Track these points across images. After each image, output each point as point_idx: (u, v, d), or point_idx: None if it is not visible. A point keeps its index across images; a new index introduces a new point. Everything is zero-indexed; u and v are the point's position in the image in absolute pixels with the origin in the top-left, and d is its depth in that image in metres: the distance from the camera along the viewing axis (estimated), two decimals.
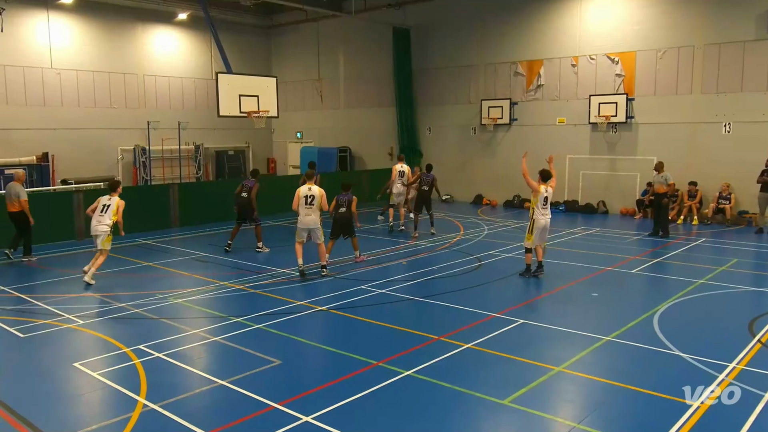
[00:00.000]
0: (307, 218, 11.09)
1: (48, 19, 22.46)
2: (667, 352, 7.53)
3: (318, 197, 11.04)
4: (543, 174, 11.41)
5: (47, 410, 6.11)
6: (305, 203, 11.05)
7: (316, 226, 11.13)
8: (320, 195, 11.06)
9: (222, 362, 7.55)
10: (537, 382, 6.66)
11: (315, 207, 11.04)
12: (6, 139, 21.46)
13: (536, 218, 11.20)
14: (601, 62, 19.93)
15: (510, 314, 9.08)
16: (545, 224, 11.32)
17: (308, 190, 11.11)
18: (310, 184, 11.21)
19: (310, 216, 11.07)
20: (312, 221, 11.09)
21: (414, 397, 6.34)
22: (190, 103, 26.73)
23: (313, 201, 11.02)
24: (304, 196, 11.07)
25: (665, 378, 6.70)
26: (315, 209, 11.05)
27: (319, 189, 11.12)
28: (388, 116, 25.24)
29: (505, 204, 22.22)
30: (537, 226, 11.21)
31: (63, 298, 10.06)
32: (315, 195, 11.06)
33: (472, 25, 22.76)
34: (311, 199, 11.03)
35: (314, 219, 11.10)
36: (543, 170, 11.50)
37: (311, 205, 11.03)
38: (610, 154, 20.08)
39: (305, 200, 11.05)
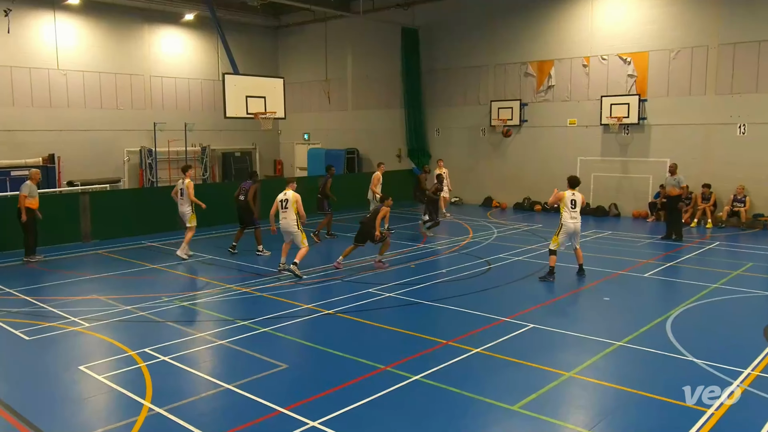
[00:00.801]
0: (283, 222, 11.59)
1: (54, 20, 22.63)
2: (681, 357, 7.49)
3: (291, 201, 11.53)
4: (571, 180, 11.61)
5: (52, 413, 6.14)
6: (281, 207, 11.63)
7: (292, 230, 11.55)
8: (294, 199, 11.54)
9: (228, 366, 7.56)
10: (547, 387, 6.64)
11: (289, 210, 11.50)
12: (12, 141, 21.61)
13: (565, 222, 11.35)
14: (613, 62, 19.86)
15: (520, 318, 9.05)
16: (575, 229, 11.41)
17: (284, 195, 11.67)
18: (287, 189, 11.74)
19: (285, 219, 11.56)
20: (286, 224, 11.55)
21: (422, 402, 6.33)
22: (196, 104, 26.84)
23: (287, 205, 11.54)
24: (280, 200, 11.67)
25: (679, 384, 6.64)
26: (289, 212, 11.50)
27: (294, 194, 11.61)
28: (396, 118, 25.25)
29: (515, 206, 22.17)
30: (565, 230, 11.36)
31: (69, 301, 10.12)
32: (289, 199, 11.57)
33: (482, 25, 22.74)
34: (285, 203, 11.58)
35: (289, 223, 11.53)
36: (572, 176, 11.77)
37: (285, 209, 11.56)
38: (622, 156, 20.00)
39: (281, 204, 11.63)
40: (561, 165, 20.27)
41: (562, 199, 11.36)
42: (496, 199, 22.82)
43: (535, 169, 21.65)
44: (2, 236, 13.85)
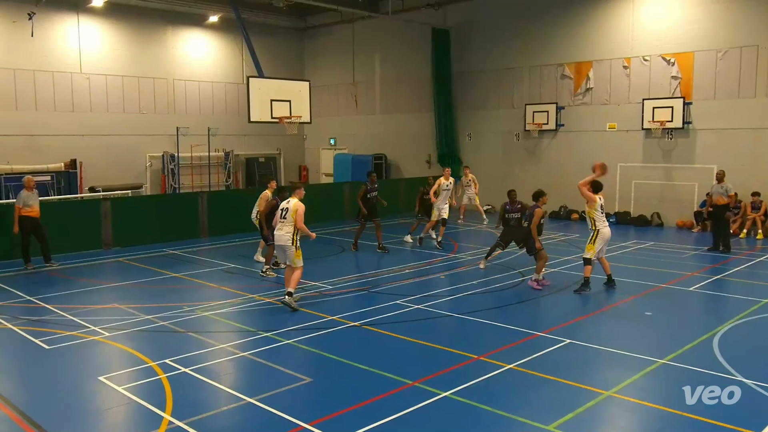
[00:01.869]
0: (278, 234, 10.41)
1: (78, 23, 23.20)
2: (728, 377, 7.31)
3: (292, 211, 10.26)
4: (595, 185, 11.42)
5: (72, 425, 6.25)
6: (280, 216, 10.45)
7: (286, 244, 10.30)
8: (295, 209, 10.26)
9: (250, 379, 7.62)
10: (585, 407, 6.54)
11: (287, 221, 10.28)
12: (35, 146, 22.17)
13: (600, 228, 11.24)
14: (656, 64, 19.60)
15: (556, 333, 8.95)
16: (609, 234, 11.40)
17: (286, 203, 10.48)
18: (292, 197, 10.59)
19: (281, 232, 10.34)
20: (282, 238, 10.33)
21: (451, 420, 6.29)
22: (220, 108, 27.22)
23: (286, 214, 10.30)
24: (281, 209, 10.51)
25: (726, 406, 6.49)
26: (287, 224, 10.28)
27: (296, 203, 10.37)
28: (426, 122, 25.26)
29: (551, 215, 21.95)
30: (601, 236, 11.27)
31: (89, 309, 10.31)
32: (289, 208, 10.31)
33: (516, 25, 22.66)
34: (285, 212, 10.36)
35: (284, 236, 10.31)
36: (595, 181, 11.46)
37: (284, 219, 10.34)
38: (666, 162, 19.69)
39: (281, 213, 10.46)
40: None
41: (594, 203, 11.21)
42: None
43: (572, 176, 21.29)
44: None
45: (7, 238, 13.75)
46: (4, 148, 21.46)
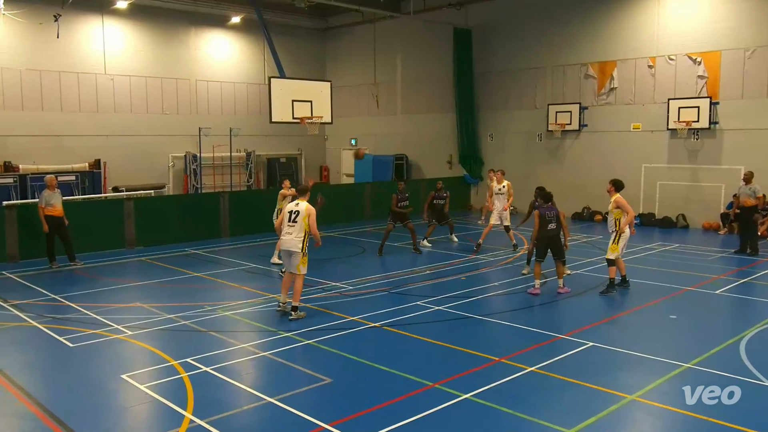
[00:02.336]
0: (286, 238, 9.74)
1: (102, 24, 23.53)
2: (756, 383, 7.19)
3: (304, 215, 9.67)
4: (617, 184, 11.35)
5: (95, 422, 6.33)
6: (288, 220, 9.77)
7: (296, 249, 9.67)
8: (307, 213, 9.68)
9: (271, 378, 7.67)
10: (607, 411, 6.48)
11: (298, 226, 9.65)
12: (59, 146, 22.53)
13: (624, 228, 11.18)
14: (682, 63, 19.36)
15: (578, 336, 8.88)
16: (629, 233, 11.35)
17: (295, 206, 9.83)
18: (300, 200, 9.93)
19: (290, 236, 9.70)
20: (291, 242, 9.70)
21: (472, 422, 6.27)
22: (242, 109, 27.42)
23: (297, 218, 9.68)
24: (289, 211, 9.84)
25: (754, 412, 6.39)
26: (297, 228, 9.66)
27: (307, 206, 9.79)
28: (447, 122, 25.21)
29: (573, 216, 21.79)
30: (624, 236, 11.22)
31: (112, 308, 10.45)
32: (300, 211, 9.70)
33: (539, 24, 22.53)
34: (295, 215, 9.71)
35: (293, 240, 9.68)
36: (617, 180, 11.44)
37: (294, 222, 9.69)
38: (691, 163, 19.44)
39: (289, 216, 9.78)
40: (624, 173, 19.69)
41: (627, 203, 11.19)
42: None
43: (595, 176, 21.21)
44: None
45: (33, 237, 14.01)
46: (30, 148, 21.85)
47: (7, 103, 21.58)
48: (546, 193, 11.73)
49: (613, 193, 11.26)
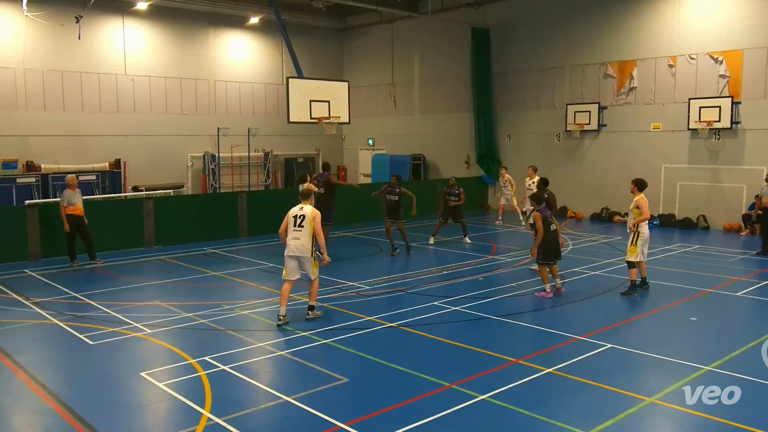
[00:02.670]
0: (295, 243, 9.48)
1: (123, 25, 23.76)
2: None
3: (309, 218, 9.49)
4: (640, 183, 11.19)
5: (114, 419, 6.40)
6: (294, 224, 9.53)
7: (307, 254, 9.51)
8: (313, 216, 9.49)
9: (288, 378, 7.70)
10: (626, 413, 6.43)
11: (305, 230, 9.46)
12: (81, 146, 22.79)
13: (641, 229, 11.01)
14: (703, 62, 19.13)
15: (596, 337, 8.81)
16: (649, 234, 11.19)
17: (299, 210, 9.62)
18: (304, 204, 9.70)
19: (298, 240, 9.46)
20: (301, 247, 9.48)
21: (489, 423, 6.25)
22: (260, 109, 27.56)
23: (303, 222, 9.48)
24: (294, 216, 9.59)
25: None
26: (305, 233, 9.47)
27: (312, 209, 9.63)
28: (465, 122, 25.14)
29: (592, 217, 21.64)
30: (642, 237, 11.04)
31: (131, 306, 10.55)
32: (306, 215, 9.51)
33: (557, 24, 22.39)
34: (301, 219, 9.51)
35: (304, 245, 9.49)
36: (640, 180, 11.30)
37: (300, 227, 9.48)
38: (712, 164, 19.21)
39: (294, 221, 9.54)
40: (643, 173, 19.38)
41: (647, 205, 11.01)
42: (571, 209, 22.33)
43: (614, 177, 21.04)
44: None
45: (54, 235, 14.20)
46: (51, 148, 22.13)
47: (29, 103, 21.88)
48: (538, 195, 11.57)
49: (636, 192, 11.11)
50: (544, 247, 11.02)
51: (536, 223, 10.99)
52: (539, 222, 10.94)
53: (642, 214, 10.93)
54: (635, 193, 11.12)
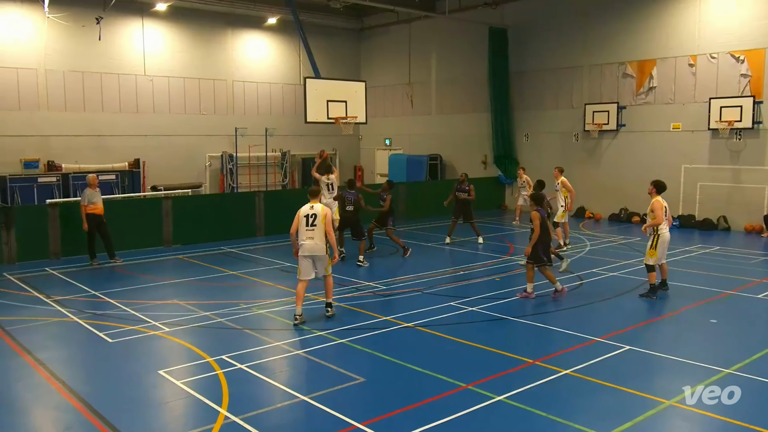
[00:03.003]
0: (309, 243, 9.51)
1: (143, 26, 23.98)
2: None
3: (321, 216, 9.54)
4: (659, 185, 11.04)
5: (133, 416, 6.46)
6: (306, 224, 9.54)
7: (322, 253, 9.59)
8: (323, 214, 9.58)
9: (304, 377, 7.72)
10: (644, 416, 6.37)
11: (318, 229, 9.51)
12: (100, 146, 23.04)
13: (661, 232, 10.83)
14: (724, 61, 18.90)
15: (615, 339, 8.74)
16: (669, 237, 11.00)
17: (310, 209, 9.64)
18: (314, 202, 9.78)
19: (313, 240, 9.50)
20: (315, 247, 9.53)
21: (506, 424, 6.23)
22: (277, 109, 27.68)
23: (315, 221, 9.52)
24: (305, 215, 9.59)
25: None
26: (318, 231, 9.52)
27: (324, 208, 9.73)
28: (482, 122, 25.05)
29: (610, 217, 21.46)
30: (662, 240, 10.85)
31: (150, 305, 10.65)
32: (317, 214, 9.55)
33: (576, 23, 22.23)
34: (313, 218, 9.53)
35: (318, 244, 9.54)
36: (659, 181, 11.13)
37: (313, 226, 9.51)
38: (733, 164, 18.96)
39: (306, 221, 9.55)
40: (663, 173, 19.30)
41: (661, 208, 10.83)
42: (589, 209, 22.16)
43: (633, 177, 20.86)
44: None
45: (75, 234, 14.36)
46: (72, 148, 22.40)
47: (51, 103, 22.15)
48: (539, 195, 11.22)
49: (654, 194, 10.97)
50: (538, 247, 10.78)
51: (534, 222, 10.74)
52: (537, 222, 10.69)
53: (654, 218, 10.75)
54: (653, 194, 10.98)
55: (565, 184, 15.48)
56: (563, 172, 15.90)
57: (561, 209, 15.44)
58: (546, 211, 11.32)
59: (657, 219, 10.73)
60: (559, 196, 15.52)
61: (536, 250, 10.80)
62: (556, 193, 15.63)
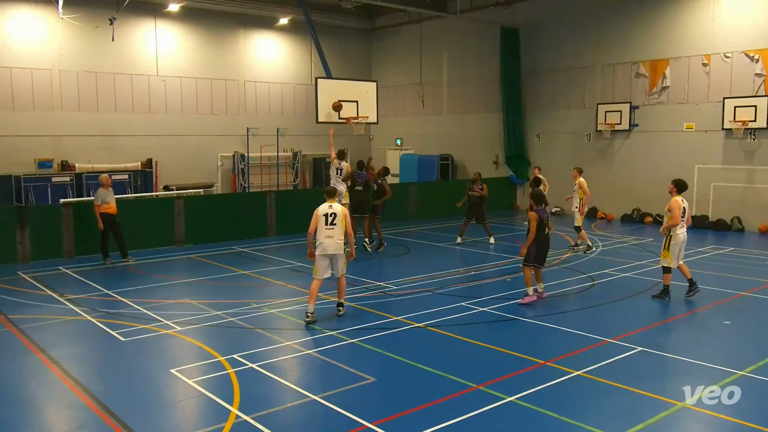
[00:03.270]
0: (329, 242, 9.57)
1: (155, 27, 24.12)
2: None
3: (340, 216, 9.63)
4: (679, 184, 10.82)
5: (145, 415, 6.50)
6: (326, 223, 9.58)
7: (341, 252, 9.70)
8: (344, 214, 9.70)
9: (315, 376, 7.73)
10: (656, 418, 6.32)
11: (338, 228, 9.58)
12: (113, 146, 23.21)
13: (674, 232, 10.61)
14: (738, 60, 18.74)
15: (627, 340, 8.69)
16: (684, 238, 10.77)
17: (329, 208, 9.68)
18: (331, 202, 9.84)
19: (332, 239, 9.57)
20: (335, 246, 9.60)
21: (516, 425, 6.21)
22: (288, 109, 27.75)
23: (335, 220, 9.58)
24: (324, 214, 9.61)
25: None
26: (338, 230, 9.59)
27: (341, 207, 9.81)
28: (493, 122, 24.98)
29: (622, 218, 21.35)
30: (675, 240, 10.63)
31: (162, 304, 10.70)
32: (337, 213, 9.62)
33: (589, 22, 22.11)
34: (333, 217, 9.59)
35: (338, 243, 9.62)
36: (680, 180, 10.92)
37: (333, 225, 9.57)
38: (747, 164, 18.80)
39: (326, 219, 9.59)
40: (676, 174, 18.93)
41: (679, 208, 10.61)
42: (601, 209, 22.05)
43: (646, 178, 20.74)
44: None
45: (88, 234, 14.46)
46: (85, 147, 22.58)
47: (64, 104, 22.34)
48: (540, 194, 10.88)
49: (674, 193, 10.73)
50: (535, 248, 10.57)
51: (530, 223, 10.52)
52: (534, 222, 10.46)
53: (672, 218, 10.58)
54: (673, 193, 10.74)
55: (582, 185, 15.22)
56: (582, 173, 15.66)
57: (576, 211, 15.25)
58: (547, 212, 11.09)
59: (674, 219, 10.51)
60: (575, 197, 15.36)
61: (532, 252, 10.57)
62: (573, 194, 15.47)
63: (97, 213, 13.74)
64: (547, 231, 10.73)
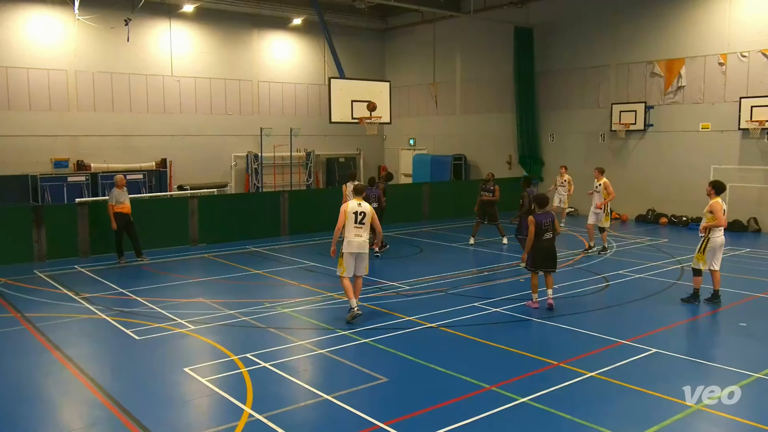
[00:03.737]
0: (358, 240, 9.55)
1: (170, 27, 24.27)
2: None
3: (369, 215, 9.63)
4: (717, 186, 10.60)
5: (159, 413, 6.54)
6: (355, 221, 9.54)
7: (366, 250, 9.71)
8: (372, 212, 9.72)
9: (328, 376, 7.75)
10: (671, 420, 6.27)
11: (366, 227, 9.58)
12: (128, 146, 23.38)
13: (712, 236, 10.35)
14: (755, 60, 18.54)
15: (641, 341, 8.63)
16: (722, 242, 10.47)
17: (358, 206, 9.62)
18: (359, 200, 9.77)
19: (361, 237, 9.56)
20: (363, 244, 9.61)
21: (530, 426, 6.18)
22: (302, 109, 27.82)
23: (365, 219, 9.56)
24: (354, 212, 9.56)
25: None
26: (366, 230, 9.59)
27: (369, 206, 9.81)
28: (507, 122, 24.90)
29: (637, 219, 21.20)
30: (712, 245, 10.36)
31: (176, 303, 10.77)
32: (366, 212, 9.59)
33: (603, 21, 21.98)
34: (362, 216, 9.56)
35: (366, 242, 9.67)
36: (717, 182, 10.70)
37: (362, 224, 9.54)
38: (765, 165, 18.60)
39: (355, 218, 9.55)
40: (691, 174, 19.20)
41: (721, 210, 10.33)
42: (615, 210, 21.88)
43: (661, 178, 20.58)
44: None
45: (103, 233, 14.58)
46: (101, 147, 22.77)
47: (80, 104, 22.54)
48: (542, 197, 10.55)
49: (712, 195, 10.47)
50: (534, 254, 10.21)
51: (529, 227, 10.17)
52: (531, 227, 10.05)
53: (716, 219, 10.25)
54: (711, 195, 10.49)
55: (606, 186, 14.94)
56: (604, 173, 15.49)
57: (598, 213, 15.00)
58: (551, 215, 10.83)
59: (719, 221, 10.21)
60: (596, 197, 15.17)
61: (531, 257, 10.25)
62: (594, 194, 15.29)
63: (110, 213, 13.85)
64: (550, 236, 10.30)
